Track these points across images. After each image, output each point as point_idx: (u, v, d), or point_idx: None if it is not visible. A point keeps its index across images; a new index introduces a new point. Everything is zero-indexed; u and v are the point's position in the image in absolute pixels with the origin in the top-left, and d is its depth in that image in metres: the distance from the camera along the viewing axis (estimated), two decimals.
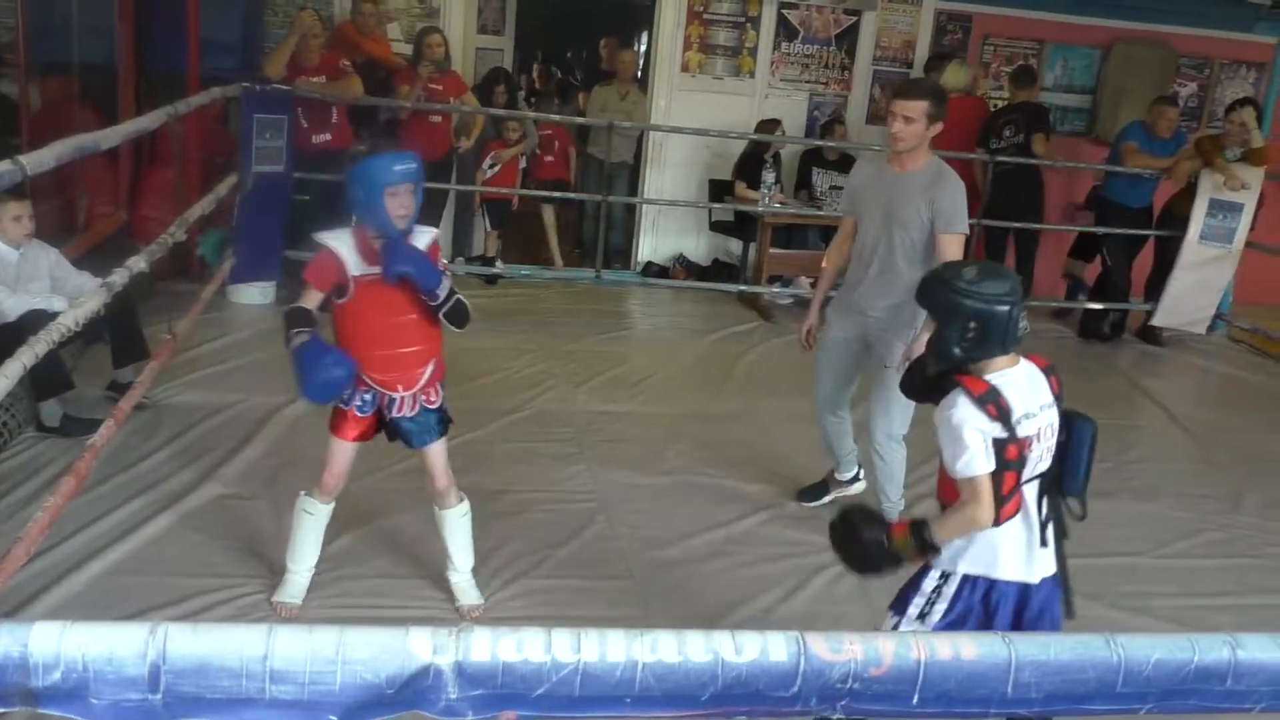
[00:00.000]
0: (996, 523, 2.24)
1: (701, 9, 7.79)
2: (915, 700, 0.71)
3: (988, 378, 2.25)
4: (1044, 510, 2.36)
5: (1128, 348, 7.35)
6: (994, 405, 2.20)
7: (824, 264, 4.12)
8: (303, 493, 3.15)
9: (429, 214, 6.85)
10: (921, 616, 2.38)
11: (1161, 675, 0.77)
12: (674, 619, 3.32)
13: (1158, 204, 7.38)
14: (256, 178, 5.83)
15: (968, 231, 3.74)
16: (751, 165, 7.39)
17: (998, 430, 2.19)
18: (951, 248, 3.61)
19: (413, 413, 3.01)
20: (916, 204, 3.63)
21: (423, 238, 2.94)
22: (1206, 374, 7.11)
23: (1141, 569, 3.98)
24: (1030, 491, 2.32)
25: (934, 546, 2.29)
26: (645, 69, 8.55)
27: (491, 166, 7.22)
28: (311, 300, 2.90)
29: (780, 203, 7.26)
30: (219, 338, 5.50)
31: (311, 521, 3.14)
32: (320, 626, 0.71)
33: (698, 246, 8.09)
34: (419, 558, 3.50)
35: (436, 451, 3.11)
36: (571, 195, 8.15)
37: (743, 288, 7.31)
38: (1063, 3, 8.13)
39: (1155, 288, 7.30)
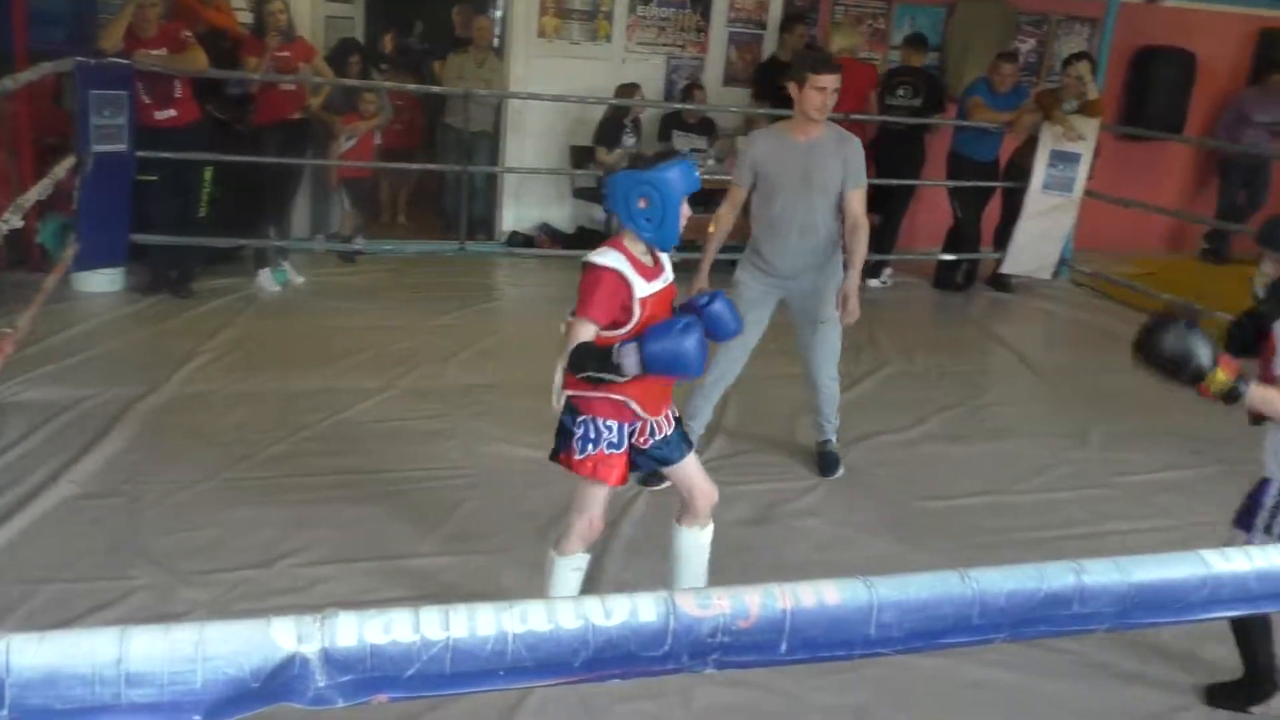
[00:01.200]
0: None
1: None
2: (784, 648, 0.73)
3: None
4: None
5: (980, 296, 7.65)
6: None
7: (711, 229, 4.16)
8: (554, 552, 2.84)
9: (286, 188, 6.71)
10: (1267, 529, 2.65)
11: (1014, 605, 0.81)
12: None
13: (1004, 157, 7.67)
14: (97, 158, 5.52)
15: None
16: (612, 130, 7.38)
17: None
18: (859, 202, 3.98)
19: (668, 431, 2.81)
20: (833, 167, 3.92)
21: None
22: (1053, 317, 7.46)
23: (1000, 506, 4.17)
24: None
25: (1238, 396, 2.46)
26: (501, 35, 8.43)
27: (348, 139, 7.03)
28: (589, 336, 2.56)
29: None
30: (66, 329, 5.23)
31: (577, 578, 2.86)
32: (178, 625, 0.68)
33: (562, 214, 8.05)
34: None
35: (694, 461, 2.89)
36: (431, 166, 8.02)
37: None
38: None
39: (1003, 237, 7.61)
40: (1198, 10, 9.14)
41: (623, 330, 2.58)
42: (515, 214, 7.99)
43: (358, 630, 0.66)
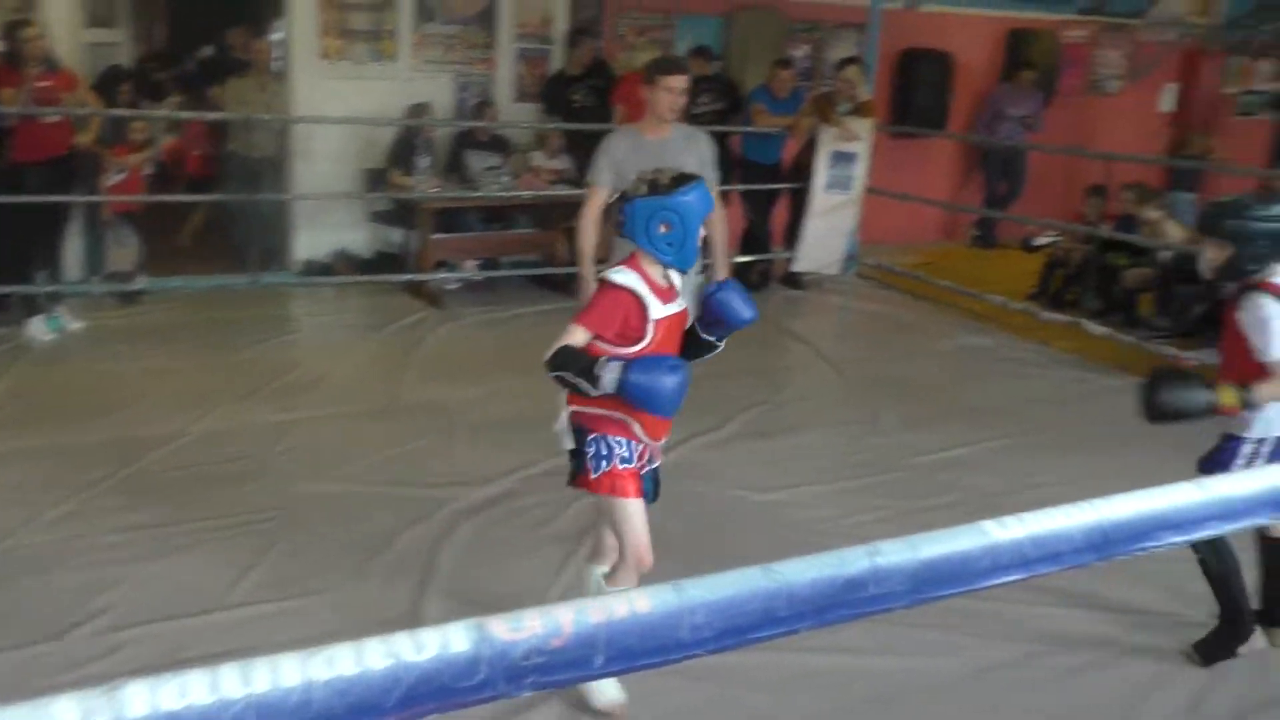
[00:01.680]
0: None
1: None
2: (599, 662, 0.73)
3: (1275, 280, 2.92)
4: None
5: (775, 294, 7.93)
6: None
7: (585, 242, 4.13)
8: (600, 577, 2.84)
9: (54, 228, 6.24)
10: None
11: (816, 594, 0.84)
12: (374, 625, 3.24)
13: (787, 159, 7.99)
14: None
15: None
16: (404, 151, 7.25)
17: None
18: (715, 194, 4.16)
19: (659, 463, 2.83)
20: (690, 163, 3.97)
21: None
22: (844, 310, 7.81)
23: (808, 497, 4.33)
24: None
25: (1253, 402, 2.83)
26: (283, 58, 8.15)
27: (119, 173, 6.62)
28: (579, 341, 2.58)
29: (436, 187, 7.18)
30: None
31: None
32: None
33: (359, 239, 7.85)
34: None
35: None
36: (213, 196, 7.67)
37: (409, 277, 7.18)
38: None
39: (792, 236, 7.93)
40: (953, 14, 9.78)
41: (633, 349, 2.62)
42: (310, 241, 7.72)
43: (150, 698, 0.62)
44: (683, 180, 2.65)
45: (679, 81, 4.03)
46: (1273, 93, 11.29)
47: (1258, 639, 3.23)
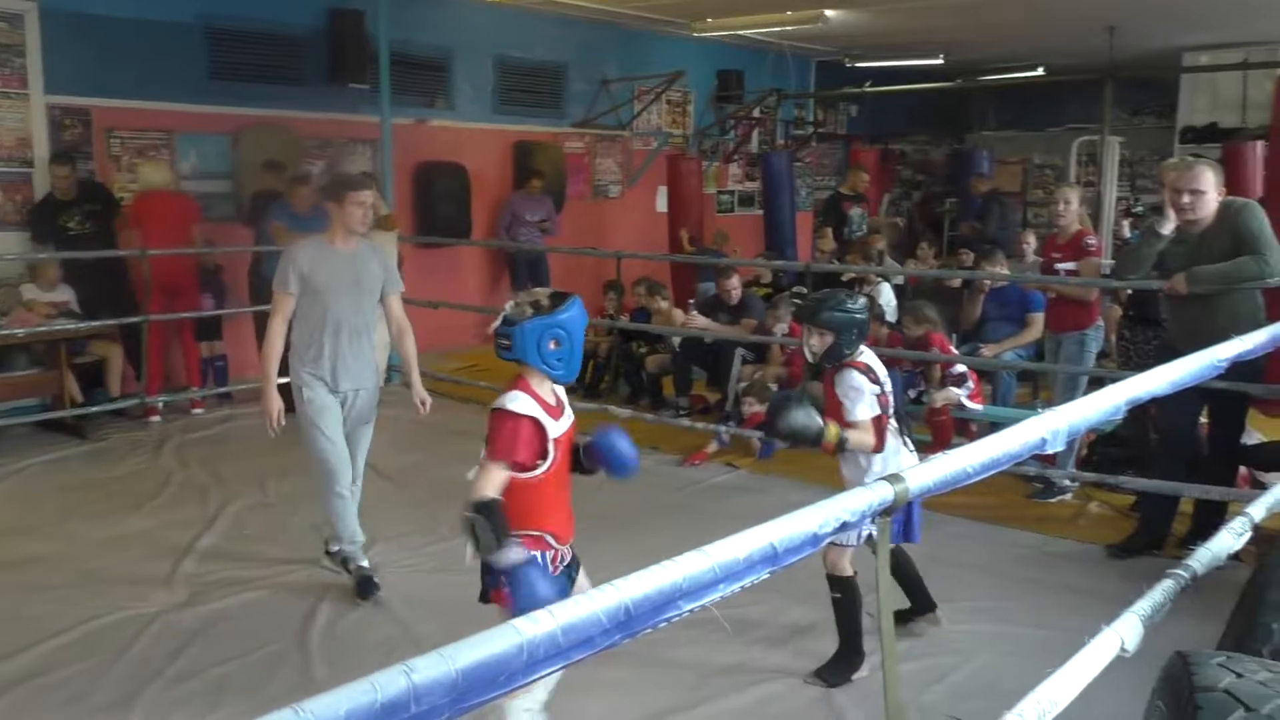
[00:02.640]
0: (878, 449, 3.53)
1: None
2: None
3: (862, 359, 3.58)
4: (901, 429, 3.67)
5: None
6: (872, 374, 3.56)
7: (273, 349, 4.21)
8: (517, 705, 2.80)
9: None
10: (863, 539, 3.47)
11: None
12: None
13: None
14: None
15: None
16: None
17: (876, 389, 3.54)
18: (400, 304, 4.49)
19: (570, 558, 2.90)
20: (376, 272, 4.34)
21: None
22: (394, 421, 7.70)
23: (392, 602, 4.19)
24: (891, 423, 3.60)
25: (845, 442, 3.45)
26: None
27: None
28: (498, 487, 2.62)
29: None
30: None
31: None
32: None
33: None
34: None
35: None
36: None
37: None
38: (185, 94, 8.22)
39: None
40: (462, 128, 10.27)
41: (538, 472, 2.72)
42: None
43: None
44: (561, 298, 2.81)
45: (367, 196, 4.24)
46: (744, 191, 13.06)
47: (866, 667, 3.68)
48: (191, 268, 7.75)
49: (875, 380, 3.57)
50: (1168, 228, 4.81)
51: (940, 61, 12.74)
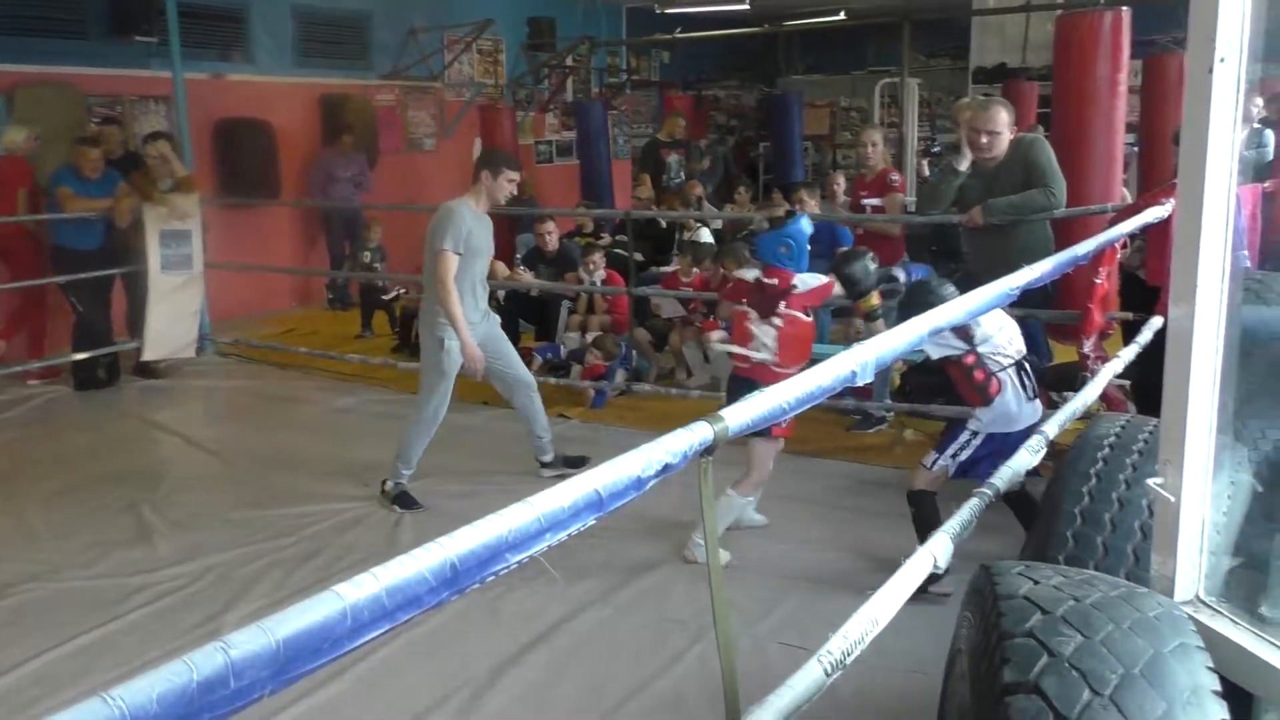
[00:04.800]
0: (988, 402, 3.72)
1: None
2: None
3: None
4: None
5: (129, 387, 7.30)
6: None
7: (456, 302, 4.67)
8: (730, 490, 4.07)
9: None
10: (954, 455, 3.82)
11: (167, 711, 0.78)
12: None
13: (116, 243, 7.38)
14: None
15: None
16: None
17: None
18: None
19: None
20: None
21: None
22: (210, 392, 7.43)
23: (211, 580, 4.04)
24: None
25: (877, 317, 4.19)
26: None
27: None
28: None
29: None
30: None
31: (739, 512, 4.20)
32: None
33: None
34: None
35: None
36: None
37: None
38: None
39: (137, 324, 7.35)
40: (263, 82, 9.79)
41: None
42: None
43: None
44: (788, 216, 4.16)
45: (519, 175, 4.94)
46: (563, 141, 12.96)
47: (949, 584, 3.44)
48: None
49: None
50: (964, 165, 5.07)
51: (747, 7, 12.94)
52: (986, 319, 3.69)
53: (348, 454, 5.73)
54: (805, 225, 4.13)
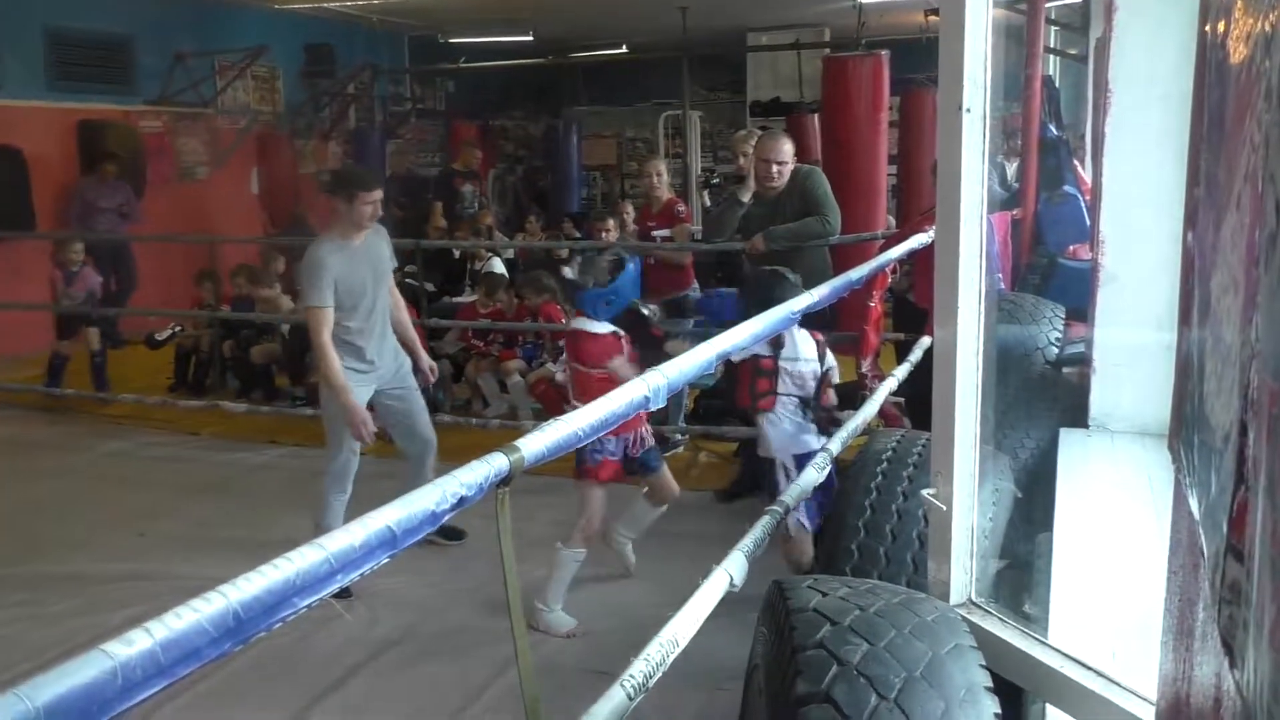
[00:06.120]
0: None
1: None
2: None
3: None
4: None
5: None
6: None
7: (331, 363, 4.12)
8: (561, 545, 3.88)
9: None
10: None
11: None
12: None
13: None
14: None
15: None
16: None
17: None
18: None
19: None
20: (386, 255, 4.43)
21: None
22: None
23: None
24: None
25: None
26: None
27: None
28: None
29: None
30: None
31: (575, 567, 3.92)
32: None
33: None
34: None
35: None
36: None
37: None
38: None
39: None
40: (12, 106, 9.09)
41: None
42: None
43: None
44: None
45: (379, 194, 4.27)
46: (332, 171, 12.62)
47: None
48: None
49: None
50: (747, 196, 5.28)
51: (530, 38, 13.04)
52: (802, 345, 3.83)
53: (120, 502, 5.35)
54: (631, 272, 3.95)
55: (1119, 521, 2.66)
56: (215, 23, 10.85)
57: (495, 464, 1.41)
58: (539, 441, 1.53)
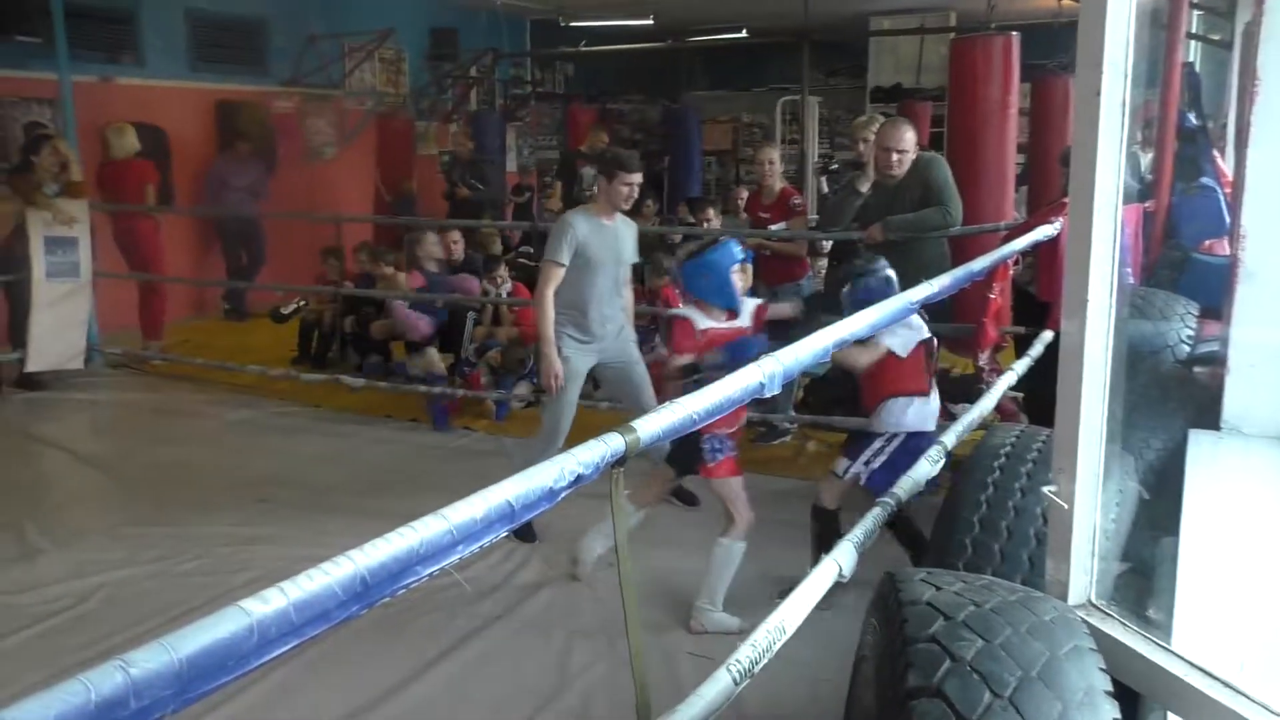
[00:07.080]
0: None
1: None
2: None
3: None
4: None
5: (11, 401, 6.98)
6: None
7: (546, 316, 4.39)
8: (721, 538, 3.72)
9: None
10: (866, 462, 3.79)
11: None
12: None
13: None
14: None
15: None
16: None
17: None
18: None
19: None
20: (630, 243, 4.63)
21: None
22: (96, 405, 7.15)
23: (100, 602, 3.88)
24: None
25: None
26: None
27: None
28: None
29: None
30: None
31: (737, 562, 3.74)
32: None
33: None
34: None
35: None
36: None
37: None
38: None
39: (18, 333, 7.05)
40: (155, 86, 9.50)
41: None
42: None
43: None
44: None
45: (638, 177, 4.44)
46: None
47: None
48: None
49: None
50: (865, 185, 5.19)
51: (650, 22, 13.03)
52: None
53: (244, 468, 5.58)
54: (734, 251, 3.90)
55: (1251, 528, 2.54)
56: (344, 6, 11.14)
57: (612, 444, 1.42)
58: (655, 424, 1.54)
